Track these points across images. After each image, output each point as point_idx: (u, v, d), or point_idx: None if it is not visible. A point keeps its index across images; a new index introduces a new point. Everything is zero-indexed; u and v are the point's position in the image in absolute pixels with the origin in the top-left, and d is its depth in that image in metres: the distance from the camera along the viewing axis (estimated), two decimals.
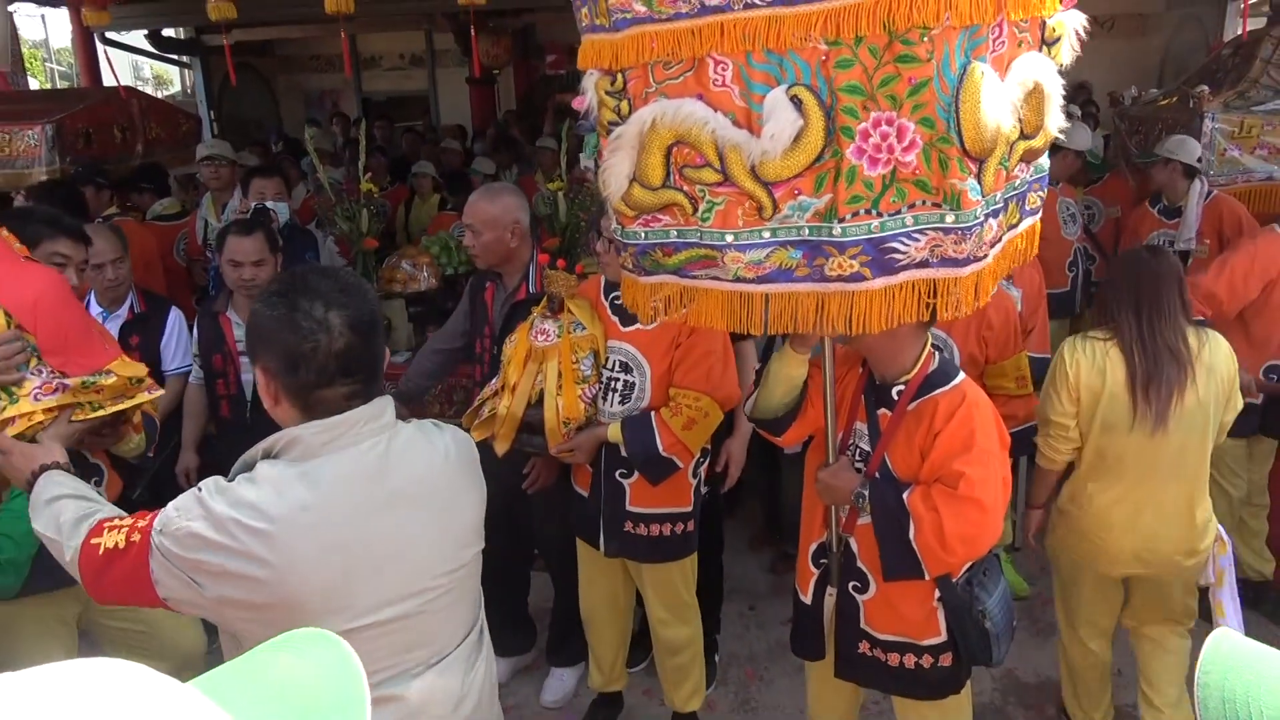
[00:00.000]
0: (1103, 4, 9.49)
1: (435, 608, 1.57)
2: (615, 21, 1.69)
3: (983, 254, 1.70)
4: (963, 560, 2.04)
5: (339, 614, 1.45)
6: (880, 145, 1.58)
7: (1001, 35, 1.62)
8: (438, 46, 11.07)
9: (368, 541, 1.48)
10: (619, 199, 1.82)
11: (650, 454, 2.63)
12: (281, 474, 1.46)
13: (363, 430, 1.52)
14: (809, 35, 1.54)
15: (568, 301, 2.77)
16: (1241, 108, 4.50)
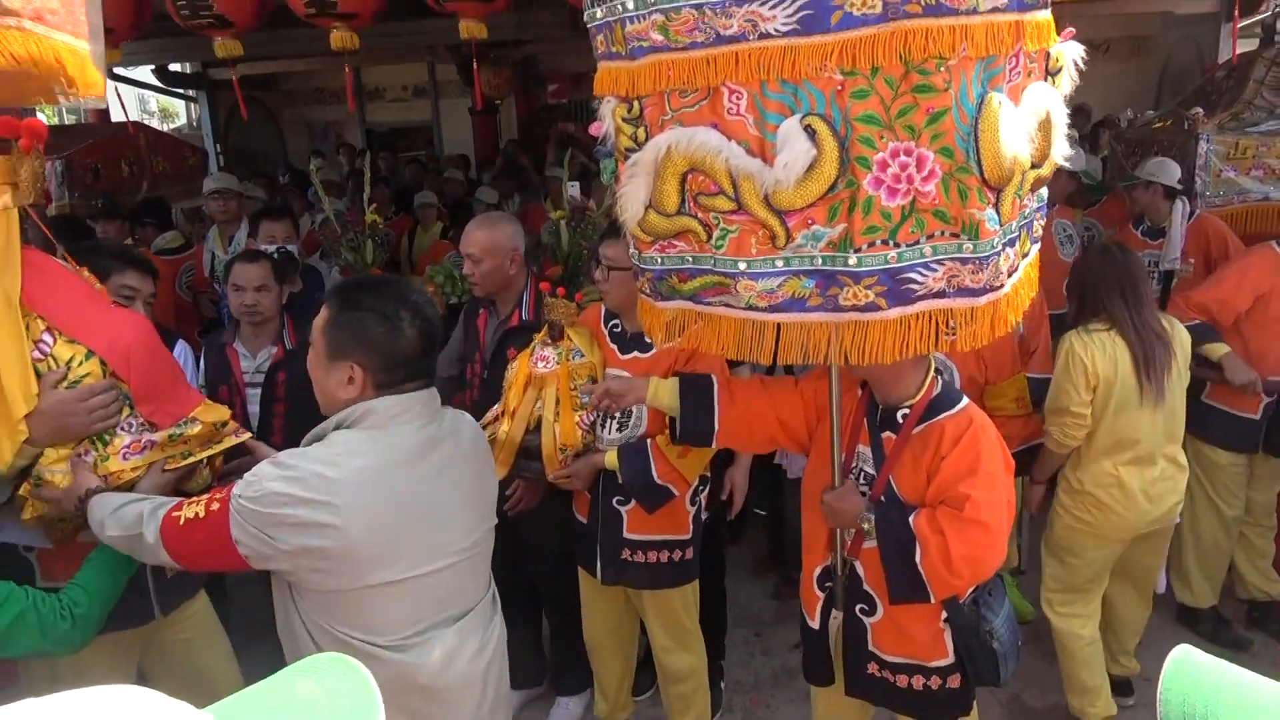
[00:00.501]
0: (1099, 27, 9.60)
1: (464, 568, 1.84)
2: (632, 49, 1.72)
3: (999, 283, 1.70)
4: (969, 582, 2.04)
5: (393, 565, 1.69)
6: (900, 175, 1.59)
7: (1018, 66, 1.64)
8: (440, 78, 11.20)
9: (420, 503, 1.74)
10: (636, 225, 1.84)
11: (646, 482, 2.64)
12: (353, 438, 1.71)
13: (423, 409, 1.79)
14: (824, 65, 1.55)
15: (568, 329, 2.79)
16: (1236, 129, 4.54)
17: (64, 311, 2.03)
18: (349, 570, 1.67)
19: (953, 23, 1.50)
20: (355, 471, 1.66)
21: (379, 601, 1.71)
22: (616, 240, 2.67)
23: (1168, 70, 9.36)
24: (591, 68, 1.89)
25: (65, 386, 1.95)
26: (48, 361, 1.98)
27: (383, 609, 1.72)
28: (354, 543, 1.64)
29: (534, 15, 6.76)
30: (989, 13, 1.53)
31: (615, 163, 1.91)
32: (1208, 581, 3.77)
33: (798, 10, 1.53)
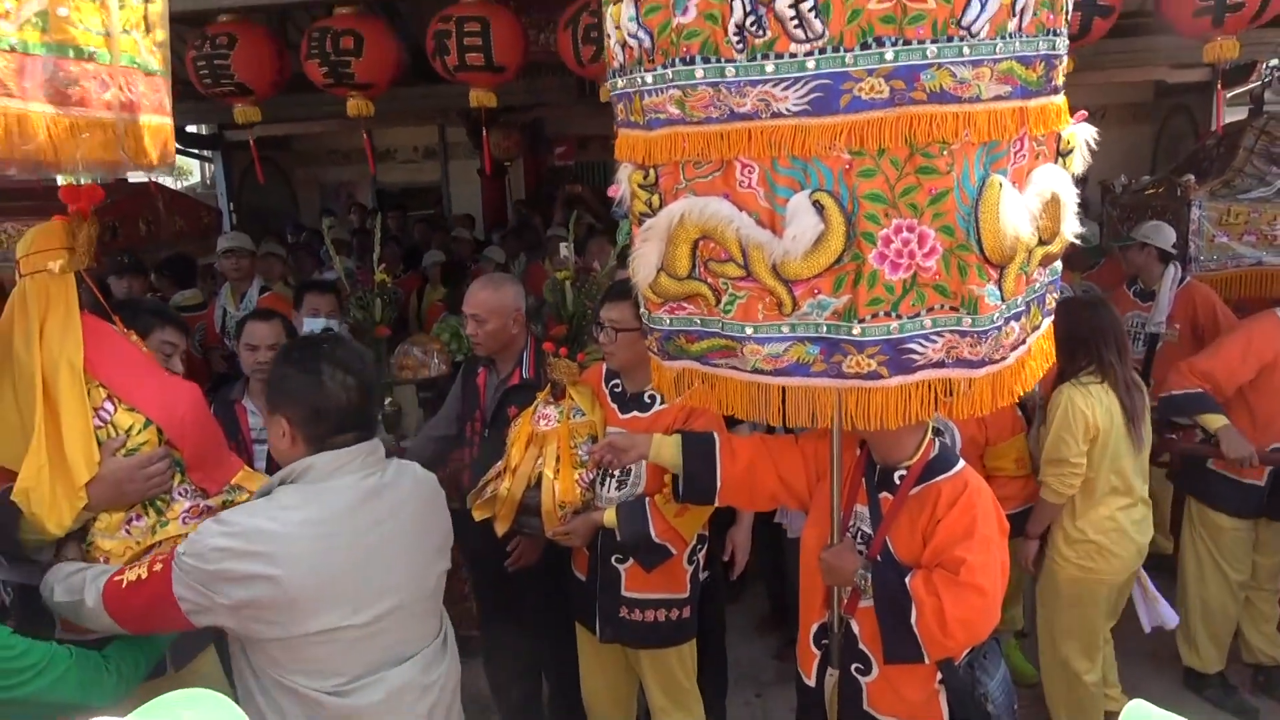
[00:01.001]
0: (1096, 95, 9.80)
1: (409, 612, 1.91)
2: (649, 120, 1.80)
3: (1000, 356, 1.75)
4: (963, 645, 2.06)
5: (333, 613, 1.76)
6: (902, 251, 1.65)
7: (1022, 149, 1.71)
8: (450, 140, 11.44)
9: (360, 552, 1.81)
10: (647, 286, 1.91)
11: (643, 540, 2.66)
12: (294, 492, 1.81)
13: (363, 462, 1.88)
14: (833, 145, 1.61)
15: (569, 388, 2.84)
16: (1228, 196, 4.64)
17: (123, 379, 2.11)
18: (289, 620, 1.74)
19: (956, 110, 1.58)
20: (293, 525, 1.75)
21: (322, 649, 1.78)
22: (619, 302, 2.74)
23: (1162, 137, 9.54)
24: (597, 131, 2.00)
25: (124, 454, 2.02)
26: (108, 429, 2.06)
27: (326, 656, 1.79)
28: (293, 593, 1.72)
29: (542, 81, 6.94)
30: (992, 100, 1.60)
31: (630, 225, 1.98)
32: (1215, 646, 3.75)
33: (809, 92, 1.60)
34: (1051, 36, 1.69)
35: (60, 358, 2.07)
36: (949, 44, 1.55)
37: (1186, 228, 4.60)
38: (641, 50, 1.76)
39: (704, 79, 1.66)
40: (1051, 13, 1.68)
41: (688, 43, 1.66)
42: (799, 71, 1.60)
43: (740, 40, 1.61)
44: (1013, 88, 1.62)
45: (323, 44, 4.59)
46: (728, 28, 1.62)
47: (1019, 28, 1.61)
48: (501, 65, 4.50)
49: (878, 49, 1.55)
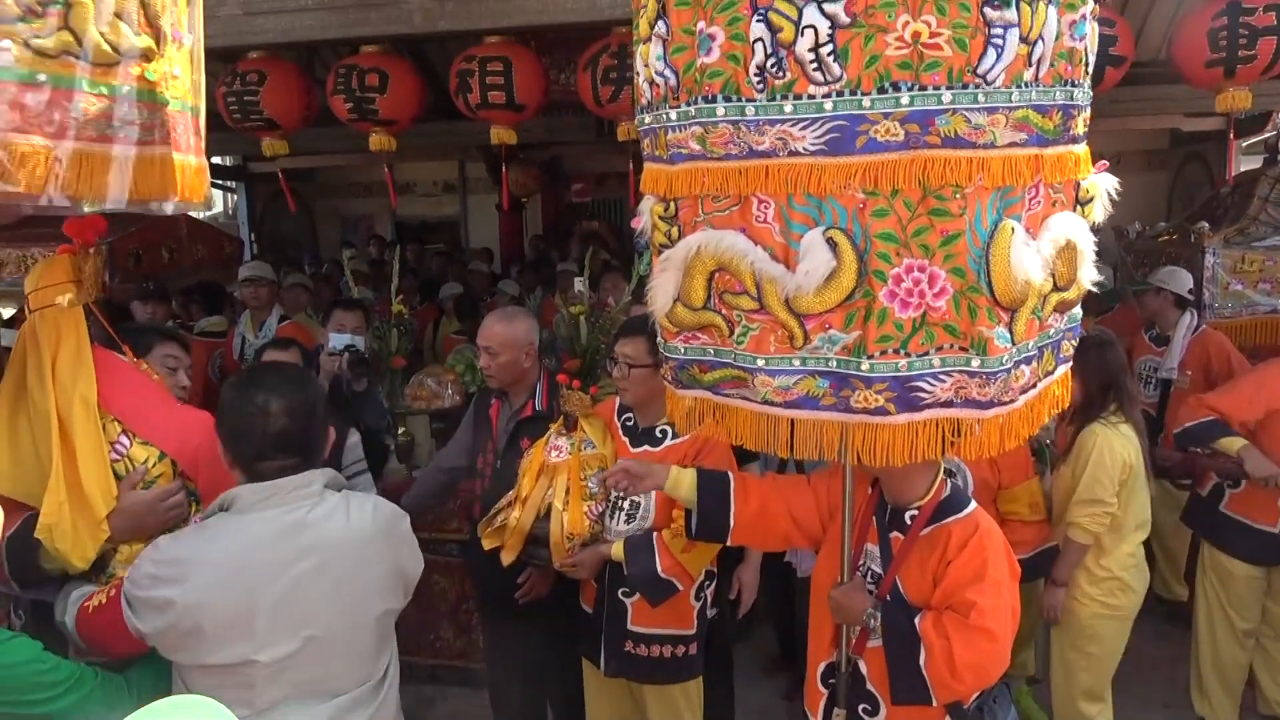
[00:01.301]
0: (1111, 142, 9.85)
1: (330, 651, 1.85)
2: (672, 155, 1.85)
3: (1009, 399, 1.76)
4: (972, 689, 2.04)
5: (241, 643, 1.75)
6: (912, 290, 1.67)
7: (1038, 196, 1.74)
8: (469, 175, 11.59)
9: (273, 585, 1.78)
10: (664, 315, 1.95)
11: (650, 575, 2.65)
12: (218, 524, 1.83)
13: (290, 495, 1.85)
14: (848, 184, 1.65)
15: (581, 420, 2.87)
16: (1242, 244, 4.66)
17: (136, 412, 2.16)
18: (195, 648, 1.76)
19: (970, 155, 1.61)
20: (210, 555, 1.77)
21: (228, 678, 1.77)
22: (633, 338, 2.77)
23: (1177, 184, 9.56)
24: (614, 169, 2.06)
25: (143, 487, 2.08)
26: (125, 462, 2.11)
27: (232, 686, 1.77)
28: (199, 621, 1.73)
29: (561, 120, 7.06)
30: (1007, 147, 1.64)
31: (650, 255, 2.03)
32: (1227, 695, 3.70)
33: (826, 133, 1.64)
34: (1069, 87, 1.72)
35: (74, 393, 2.11)
36: (964, 91, 1.59)
37: (1201, 275, 4.62)
38: (667, 88, 1.82)
39: (725, 117, 1.71)
40: (1070, 64, 1.71)
41: (710, 82, 1.71)
42: (816, 112, 1.64)
43: (761, 81, 1.66)
44: (1028, 135, 1.65)
45: (349, 81, 4.71)
46: (749, 69, 1.66)
47: (1035, 78, 1.64)
48: (522, 104, 4.59)
49: (894, 93, 1.59)
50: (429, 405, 4.44)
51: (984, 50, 1.58)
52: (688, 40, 1.74)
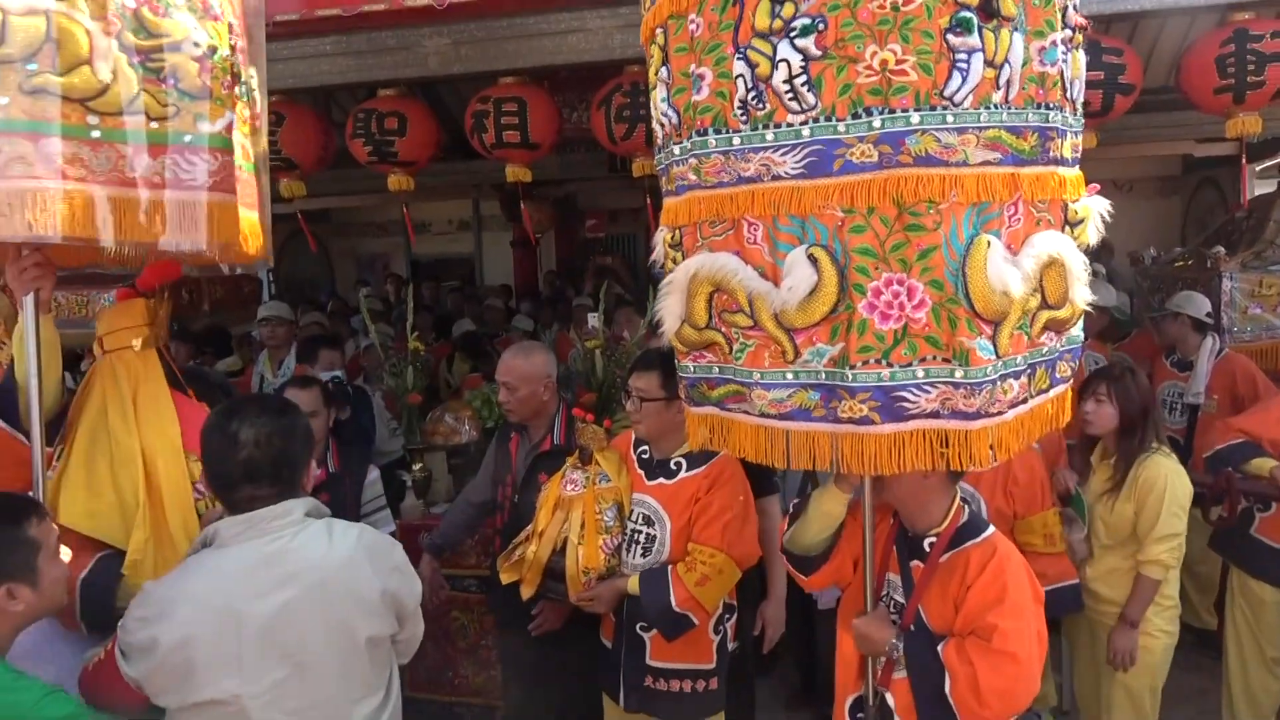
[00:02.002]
0: (1124, 167, 9.87)
1: (323, 675, 1.85)
2: (677, 187, 2.00)
3: (996, 410, 1.79)
4: (999, 715, 2.01)
5: (231, 675, 1.75)
6: (892, 302, 1.74)
7: (1018, 213, 1.79)
8: (484, 212, 11.72)
9: (257, 616, 1.78)
10: (673, 335, 2.04)
11: (664, 609, 2.64)
12: (200, 559, 1.84)
13: (269, 525, 1.84)
14: (827, 204, 1.74)
15: (597, 454, 2.87)
16: (1259, 267, 4.64)
17: None
18: (185, 685, 1.76)
19: (943, 173, 1.70)
20: (191, 589, 1.79)
21: (226, 711, 1.77)
22: (646, 372, 2.78)
23: (1191, 210, 9.54)
24: (628, 205, 2.16)
25: None
26: (205, 501, 2.18)
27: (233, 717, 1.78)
28: (187, 656, 1.74)
29: (575, 157, 7.15)
30: (980, 165, 1.71)
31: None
32: None
33: (805, 157, 1.76)
34: (1044, 110, 1.79)
35: (159, 435, 2.22)
36: (932, 112, 1.69)
37: (1219, 299, 4.59)
38: (671, 127, 1.97)
39: (716, 148, 1.86)
40: (1041, 89, 1.78)
41: (702, 117, 1.86)
42: (795, 139, 1.76)
43: (744, 113, 1.79)
44: (1002, 155, 1.73)
45: (368, 124, 4.79)
46: (734, 102, 1.80)
47: (1005, 99, 1.72)
48: (537, 143, 4.66)
49: (866, 117, 1.70)
50: (446, 441, 4.46)
51: (949, 74, 1.67)
52: (685, 82, 1.89)
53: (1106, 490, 3.11)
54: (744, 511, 2.77)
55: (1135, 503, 3.01)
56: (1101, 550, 3.13)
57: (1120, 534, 3.07)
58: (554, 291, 9.17)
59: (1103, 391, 3.12)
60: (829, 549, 2.28)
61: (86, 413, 2.26)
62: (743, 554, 2.73)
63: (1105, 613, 3.12)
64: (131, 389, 2.25)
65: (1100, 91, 3.88)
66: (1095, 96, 3.85)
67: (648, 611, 2.68)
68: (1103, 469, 3.18)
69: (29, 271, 2.12)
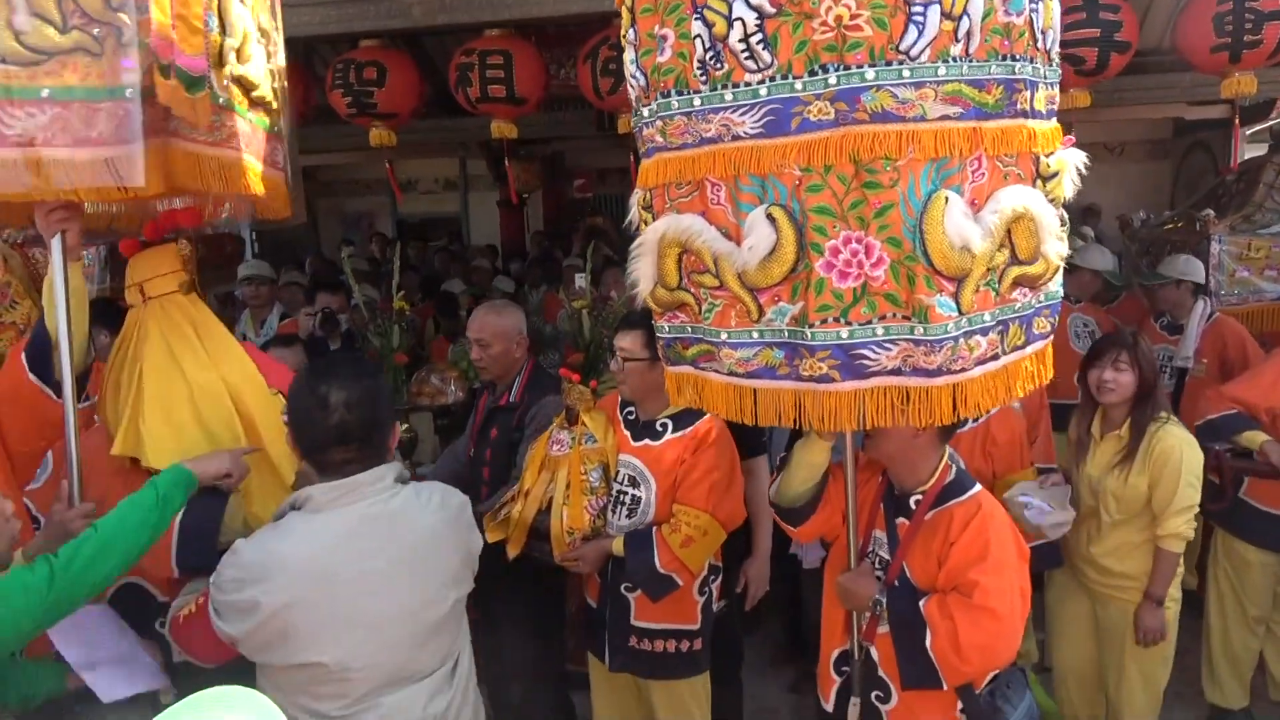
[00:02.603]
0: (1114, 131, 9.84)
1: (416, 637, 1.91)
2: (647, 149, 1.99)
3: (959, 368, 1.77)
4: (979, 670, 2.03)
5: (330, 638, 1.79)
6: (850, 260, 1.73)
7: (981, 168, 1.76)
8: (471, 172, 11.60)
9: (356, 579, 1.83)
10: (648, 296, 2.03)
11: (649, 570, 2.65)
12: (294, 523, 1.86)
13: (365, 491, 1.88)
14: (785, 163, 1.73)
15: (583, 414, 2.86)
16: (1248, 230, 4.63)
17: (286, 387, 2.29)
18: (285, 646, 1.79)
19: (899, 129, 1.67)
20: (291, 553, 1.81)
21: (318, 674, 1.80)
22: (630, 331, 2.76)
23: (1182, 173, 9.52)
24: (616, 164, 2.12)
25: None
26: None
27: (324, 680, 1.81)
28: (289, 621, 1.77)
29: (562, 114, 7.04)
30: (938, 120, 1.68)
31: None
32: (1237, 681, 3.69)
33: (763, 116, 1.75)
34: (1009, 62, 1.76)
35: (238, 369, 2.32)
36: (887, 68, 1.67)
37: (1207, 262, 4.58)
38: (640, 89, 1.96)
39: (679, 109, 1.85)
40: (1007, 39, 1.74)
41: (665, 79, 1.85)
42: (753, 98, 1.75)
43: (703, 73, 1.79)
44: (963, 109, 1.70)
45: (347, 75, 4.69)
46: (694, 63, 1.79)
47: (966, 52, 1.69)
48: (523, 97, 4.57)
49: (823, 74, 1.69)
50: (433, 401, 4.43)
51: (905, 28, 1.65)
52: (651, 44, 1.88)
53: (1117, 463, 3.00)
54: (730, 473, 2.77)
55: (1150, 475, 2.92)
56: (1111, 525, 3.02)
57: (1133, 508, 2.97)
58: (541, 252, 9.10)
59: (1124, 360, 3.00)
60: (815, 499, 2.28)
61: (149, 357, 2.26)
62: (728, 515, 2.74)
63: (1115, 586, 3.05)
64: (192, 328, 2.30)
65: (1095, 49, 3.82)
66: (1090, 54, 3.81)
67: (632, 573, 2.69)
68: (1109, 441, 3.06)
69: (56, 213, 2.09)
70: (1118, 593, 3.05)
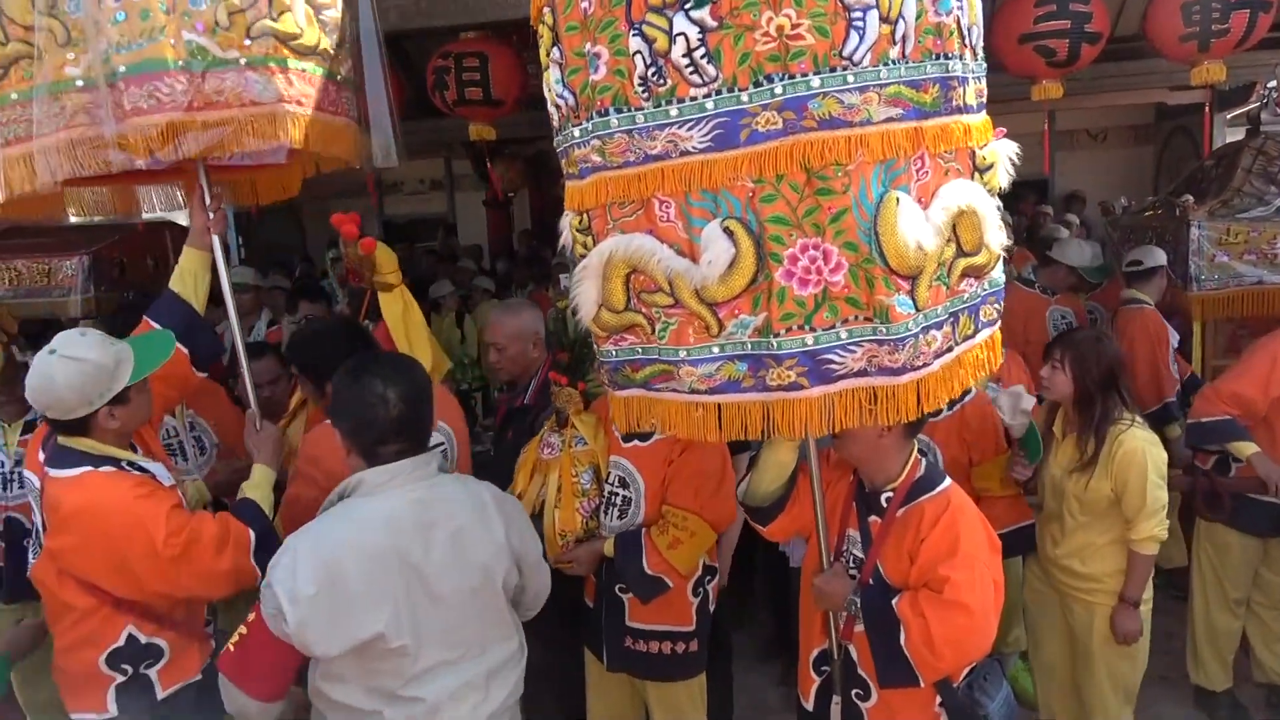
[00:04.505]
0: (1096, 117, 9.86)
1: (465, 617, 1.99)
2: (580, 170, 1.94)
3: (921, 363, 1.80)
4: (954, 665, 2.05)
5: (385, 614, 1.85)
6: (809, 268, 1.73)
7: (925, 166, 1.78)
8: (457, 171, 11.57)
9: (406, 557, 1.90)
10: (590, 321, 2.01)
11: (637, 572, 2.66)
12: (348, 507, 1.96)
13: (411, 476, 1.98)
14: (737, 175, 1.73)
15: (573, 417, 2.86)
16: (1226, 215, 4.64)
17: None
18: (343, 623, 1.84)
19: (848, 134, 1.68)
20: (335, 535, 1.89)
21: (376, 650, 1.86)
22: None
23: (1164, 158, 9.57)
24: None
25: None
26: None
27: (392, 655, 1.87)
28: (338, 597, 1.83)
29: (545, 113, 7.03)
30: (883, 123, 1.70)
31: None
32: (1219, 663, 3.74)
33: (711, 130, 1.73)
34: (942, 60, 1.77)
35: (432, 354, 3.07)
36: (832, 74, 1.67)
37: (1186, 248, 4.60)
38: (568, 108, 1.92)
39: (619, 128, 1.81)
40: (938, 39, 1.76)
41: (601, 97, 1.81)
42: (700, 113, 1.73)
43: (645, 90, 1.76)
44: (904, 110, 1.71)
45: None
46: (634, 80, 1.76)
47: (903, 54, 1.71)
48: (499, 100, 4.59)
49: (768, 85, 1.68)
50: None
51: (846, 34, 1.65)
52: (579, 62, 1.84)
53: (1076, 468, 2.96)
54: (720, 472, 2.77)
55: (1114, 481, 2.88)
56: (1075, 527, 2.99)
57: (1096, 509, 2.95)
58: (529, 251, 9.09)
59: (1057, 358, 2.99)
60: (784, 498, 2.30)
61: (416, 335, 3.05)
62: (717, 516, 2.74)
63: (1078, 588, 3.03)
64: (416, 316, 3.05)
65: (1066, 41, 3.84)
66: (1061, 46, 3.83)
67: (622, 574, 2.70)
68: (1067, 443, 3.03)
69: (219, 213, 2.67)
70: (1084, 594, 3.03)
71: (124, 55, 2.25)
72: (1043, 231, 6.52)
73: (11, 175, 2.32)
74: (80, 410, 2.23)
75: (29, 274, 5.15)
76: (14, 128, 2.32)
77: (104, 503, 2.19)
